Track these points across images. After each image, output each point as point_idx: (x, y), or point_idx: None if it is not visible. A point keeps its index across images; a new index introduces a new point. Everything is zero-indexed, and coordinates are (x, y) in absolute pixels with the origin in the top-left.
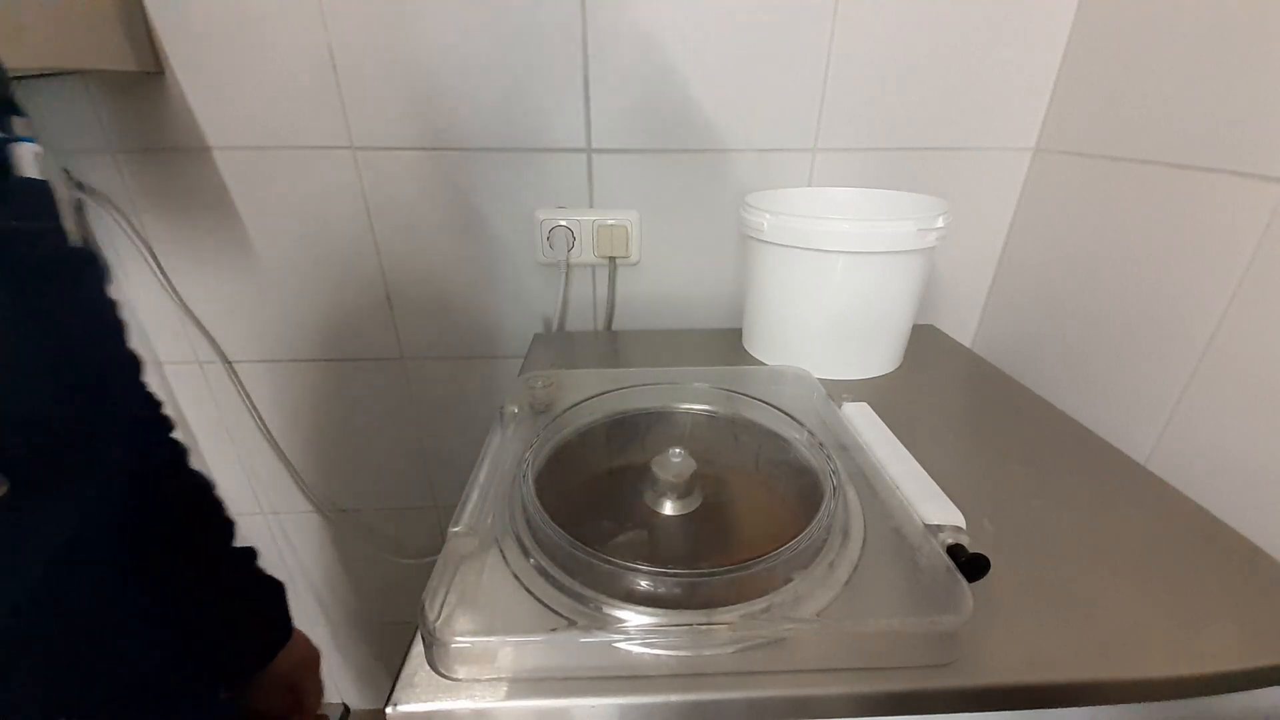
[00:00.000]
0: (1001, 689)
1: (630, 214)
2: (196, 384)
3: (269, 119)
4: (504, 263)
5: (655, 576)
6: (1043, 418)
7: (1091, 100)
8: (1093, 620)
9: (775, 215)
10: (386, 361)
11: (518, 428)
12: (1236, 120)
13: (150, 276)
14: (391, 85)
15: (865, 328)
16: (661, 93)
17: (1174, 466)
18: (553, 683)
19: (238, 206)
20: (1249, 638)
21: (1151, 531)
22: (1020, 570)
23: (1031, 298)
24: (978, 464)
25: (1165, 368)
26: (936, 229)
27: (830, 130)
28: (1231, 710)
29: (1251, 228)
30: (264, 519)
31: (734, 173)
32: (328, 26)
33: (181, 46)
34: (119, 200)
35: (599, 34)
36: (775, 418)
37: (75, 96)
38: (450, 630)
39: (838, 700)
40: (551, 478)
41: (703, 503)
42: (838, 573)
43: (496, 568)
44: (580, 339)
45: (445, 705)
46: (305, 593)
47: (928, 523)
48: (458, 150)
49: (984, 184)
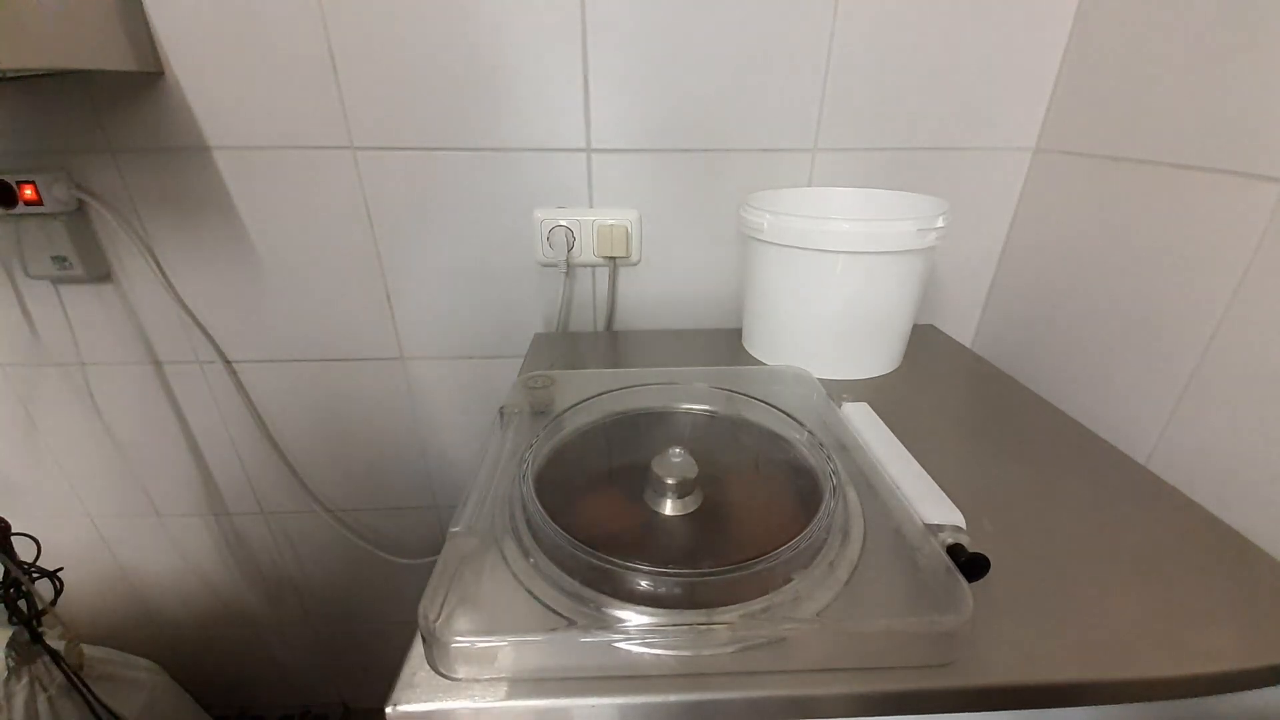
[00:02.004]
0: (1001, 689)
1: (630, 214)
2: (196, 384)
3: (269, 119)
4: (504, 263)
5: (655, 576)
6: (1043, 418)
7: (1091, 100)
8: (1093, 620)
9: (775, 215)
10: (386, 361)
11: (518, 428)
12: (1236, 120)
13: (150, 276)
14: (391, 85)
15: (865, 328)
16: (661, 93)
17: (1174, 466)
18: (553, 683)
19: (238, 206)
20: (1249, 638)
21: (1151, 531)
22: (1020, 570)
23: (1031, 298)
24: (978, 464)
25: (1165, 368)
26: (936, 229)
27: (830, 130)
28: (1231, 710)
29: (1251, 228)
30: (264, 519)
31: (734, 173)
32: (328, 26)
33: (181, 46)
34: (119, 200)
35: (599, 34)
36: (775, 418)
37: (75, 96)
38: (450, 630)
39: (838, 700)
40: (551, 478)
41: (703, 503)
42: (838, 573)
43: (496, 568)
44: (580, 339)
45: (445, 705)
46: (305, 593)
47: (928, 523)
48: (458, 150)
49: (984, 184)
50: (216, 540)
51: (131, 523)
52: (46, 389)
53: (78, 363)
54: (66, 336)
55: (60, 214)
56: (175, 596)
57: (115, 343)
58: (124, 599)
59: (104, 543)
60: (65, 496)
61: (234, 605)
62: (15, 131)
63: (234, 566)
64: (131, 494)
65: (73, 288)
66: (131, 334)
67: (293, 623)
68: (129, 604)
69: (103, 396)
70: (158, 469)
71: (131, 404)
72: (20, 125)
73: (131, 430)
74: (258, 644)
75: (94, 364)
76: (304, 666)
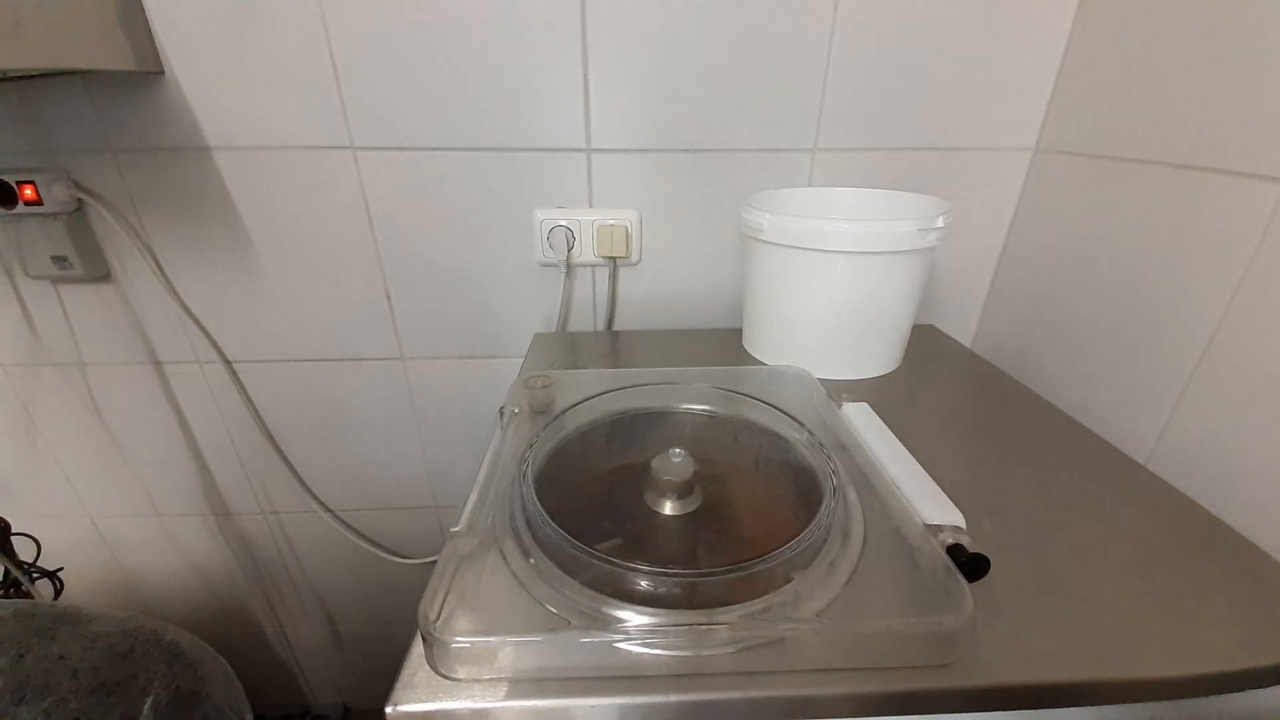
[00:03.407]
0: (1001, 689)
1: (630, 214)
2: (196, 384)
3: (269, 119)
4: (504, 263)
5: (655, 576)
6: (1043, 418)
7: (1091, 100)
8: (1093, 620)
9: (775, 215)
10: (386, 361)
11: (518, 428)
12: (1236, 120)
13: (150, 277)
14: (391, 85)
15: (865, 328)
16: (661, 93)
17: (1174, 466)
18: (553, 683)
19: (238, 206)
20: (1249, 638)
21: (1151, 531)
22: (1020, 570)
23: (1031, 298)
24: (978, 464)
25: (1165, 367)
26: (936, 229)
27: (830, 130)
28: (1231, 710)
29: (1251, 228)
30: (264, 519)
31: (734, 173)
32: (328, 26)
33: (181, 46)
34: (119, 200)
35: (599, 34)
36: (775, 418)
37: (75, 96)
38: (450, 630)
39: (838, 700)
40: (551, 478)
41: (703, 503)
42: (838, 573)
43: (496, 568)
44: (580, 339)
45: (445, 705)
46: (305, 593)
47: (928, 523)
48: (458, 150)
49: (984, 184)
50: (216, 540)
51: (131, 523)
52: (46, 389)
53: (78, 363)
54: (66, 336)
55: (60, 214)
56: (175, 596)
57: (115, 343)
58: (124, 599)
59: (104, 543)
60: (65, 496)
61: (234, 605)
62: (15, 131)
63: (234, 566)
64: (131, 494)
65: (72, 288)
66: (131, 334)
67: (292, 623)
68: (129, 604)
69: (103, 396)
70: (158, 469)
71: (131, 404)
72: (20, 125)
73: (131, 430)
74: (257, 644)
75: (94, 364)
76: (304, 666)
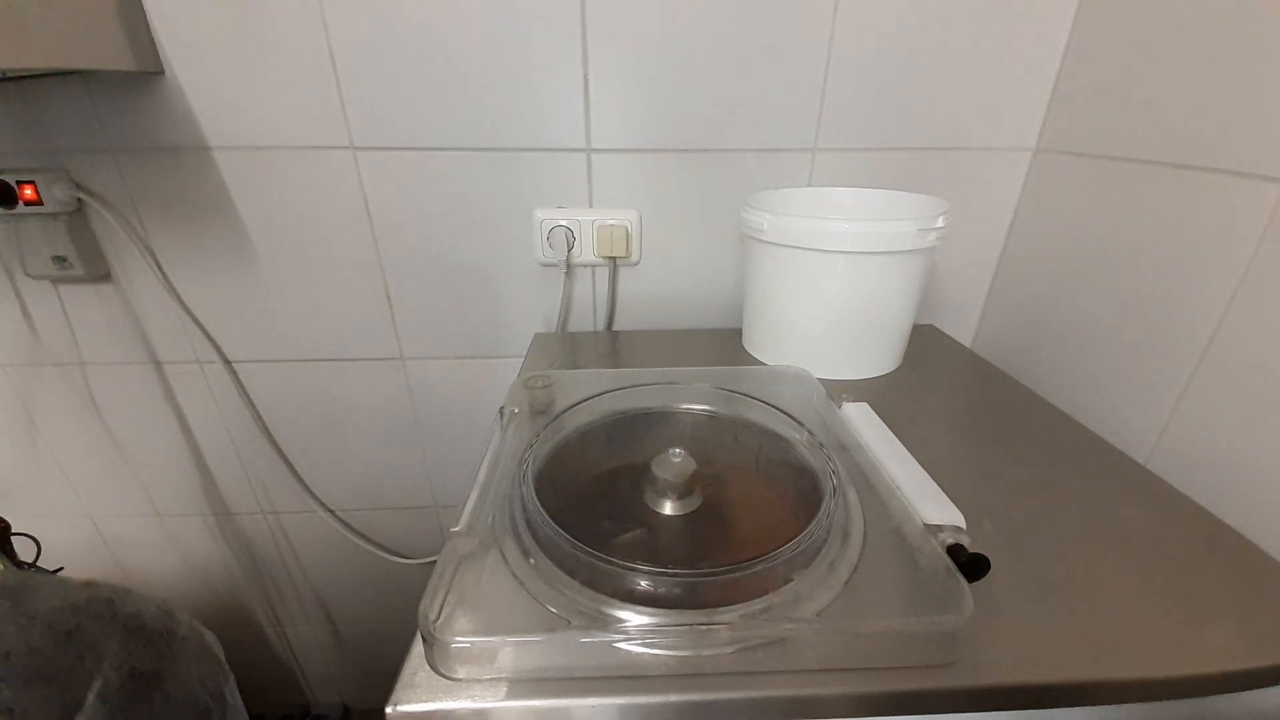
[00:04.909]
0: (1001, 689)
1: (630, 214)
2: (196, 384)
3: (269, 119)
4: (504, 263)
5: (655, 576)
6: (1043, 417)
7: (1091, 100)
8: (1093, 620)
9: (775, 215)
10: (386, 361)
11: (518, 428)
12: (1236, 120)
13: (150, 277)
14: (391, 85)
15: (865, 328)
16: (661, 93)
17: (1174, 466)
18: (553, 683)
19: (238, 206)
20: (1249, 638)
21: (1151, 531)
22: (1020, 570)
23: (1032, 298)
24: (978, 464)
25: (1165, 368)
26: (936, 229)
27: (830, 130)
28: (1231, 710)
29: (1251, 228)
30: (264, 519)
31: (734, 173)
32: (328, 26)
33: (181, 46)
34: (119, 200)
35: (599, 34)
36: (775, 418)
37: (75, 96)
38: (450, 630)
39: (838, 700)
40: (551, 478)
41: (703, 503)
42: (838, 573)
43: (496, 568)
44: (581, 339)
45: (445, 705)
46: (305, 593)
47: (928, 523)
48: (458, 150)
49: (984, 184)
50: (216, 540)
51: (131, 523)
52: (46, 389)
53: (78, 363)
54: (66, 336)
55: (60, 214)
56: (175, 596)
57: (115, 343)
58: None
59: (104, 543)
60: (65, 496)
61: (234, 605)
62: (15, 131)
63: (234, 566)
64: (131, 494)
65: (72, 287)
66: (131, 334)
67: (292, 623)
68: None
69: (103, 396)
70: (158, 469)
71: (131, 404)
72: (20, 125)
73: (131, 430)
74: (258, 644)
75: (94, 364)
76: (304, 666)
